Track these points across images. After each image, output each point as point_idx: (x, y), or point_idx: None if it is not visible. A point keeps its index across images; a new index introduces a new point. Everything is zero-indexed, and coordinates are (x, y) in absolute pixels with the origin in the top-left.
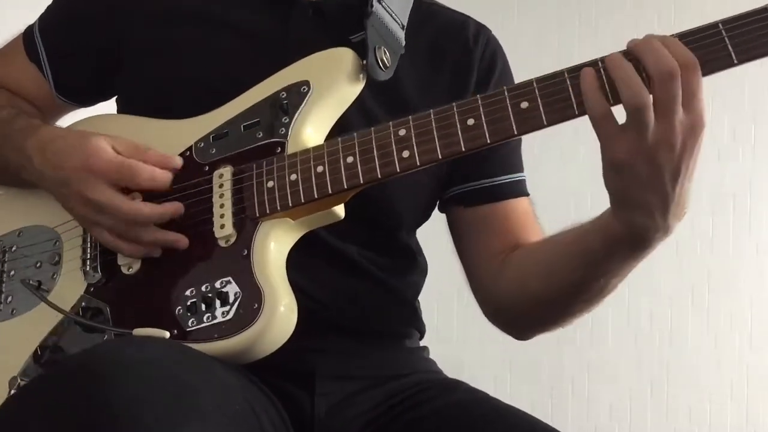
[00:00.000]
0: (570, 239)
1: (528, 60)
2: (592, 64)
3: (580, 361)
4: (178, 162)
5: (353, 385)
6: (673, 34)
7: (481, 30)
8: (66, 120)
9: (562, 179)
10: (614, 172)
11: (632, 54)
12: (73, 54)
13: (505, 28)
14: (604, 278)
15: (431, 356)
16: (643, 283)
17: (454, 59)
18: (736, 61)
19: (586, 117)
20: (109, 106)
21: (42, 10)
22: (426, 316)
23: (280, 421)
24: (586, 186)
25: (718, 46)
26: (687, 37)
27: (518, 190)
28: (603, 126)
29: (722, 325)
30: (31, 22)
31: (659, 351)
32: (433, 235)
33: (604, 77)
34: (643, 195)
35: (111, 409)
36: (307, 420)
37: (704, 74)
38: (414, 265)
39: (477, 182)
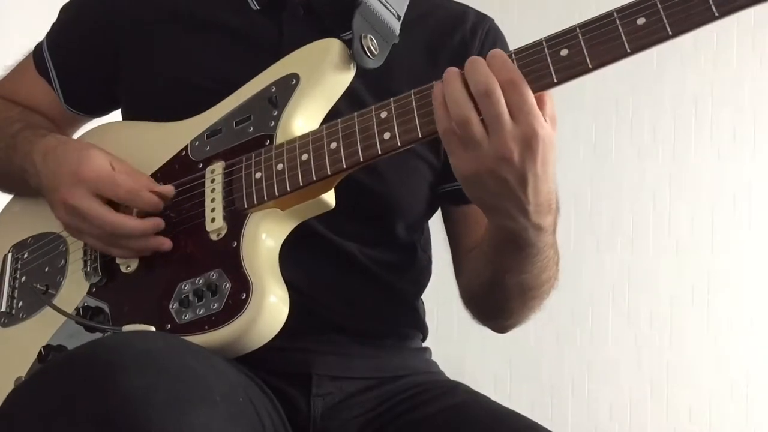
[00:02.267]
0: (477, 242)
1: None
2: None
3: (580, 361)
4: (168, 190)
5: (351, 385)
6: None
7: (481, 20)
8: (80, 132)
9: (561, 179)
10: (466, 185)
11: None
12: (78, 66)
13: (505, 28)
14: (509, 275)
15: (432, 357)
16: (643, 283)
17: (452, 51)
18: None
19: (583, 108)
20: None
21: (49, 22)
22: (426, 317)
23: (278, 420)
24: (586, 185)
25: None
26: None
27: None
28: (448, 141)
29: (722, 325)
30: (36, 37)
31: (659, 351)
32: (434, 235)
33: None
34: (498, 202)
35: (123, 399)
36: (303, 420)
37: (534, 90)
38: (415, 264)
39: None
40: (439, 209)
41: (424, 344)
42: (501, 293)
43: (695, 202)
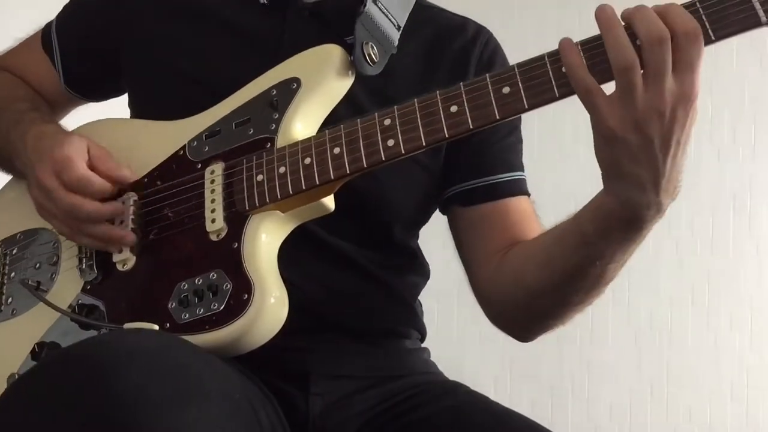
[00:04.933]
0: (564, 226)
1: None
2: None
3: (580, 361)
4: (125, 175)
5: (349, 385)
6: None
7: (480, 31)
8: (74, 119)
9: (561, 180)
10: (605, 143)
11: (624, 21)
12: (81, 51)
13: (505, 29)
14: (600, 263)
15: (431, 357)
16: (643, 283)
17: (451, 60)
18: (713, 38)
19: (583, 109)
20: (122, 106)
21: (53, 12)
22: (426, 317)
23: (276, 418)
24: (587, 186)
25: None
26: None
27: (517, 188)
28: (591, 97)
29: (722, 325)
30: (39, 22)
31: (659, 351)
32: (433, 236)
33: (582, 53)
34: (634, 167)
35: (117, 396)
36: (302, 419)
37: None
38: (413, 265)
39: (475, 181)
40: (439, 217)
41: (423, 345)
42: (574, 285)
43: (695, 202)
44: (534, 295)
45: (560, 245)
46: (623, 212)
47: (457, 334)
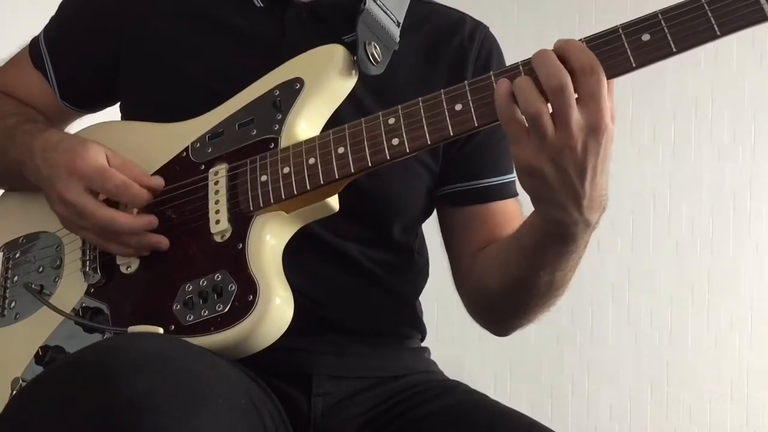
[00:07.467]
0: (510, 237)
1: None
2: (511, 69)
3: (580, 361)
4: (158, 183)
5: (351, 385)
6: (582, 38)
7: (478, 27)
8: (73, 127)
9: None
10: (524, 175)
11: (530, 66)
12: (75, 61)
13: (505, 27)
14: (544, 272)
15: (431, 357)
16: (643, 283)
17: (450, 56)
18: (719, 34)
19: None
20: (115, 111)
21: (45, 19)
22: (426, 316)
23: (279, 419)
24: None
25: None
26: (591, 42)
27: (506, 192)
28: (512, 131)
29: (722, 325)
30: (32, 31)
31: (659, 351)
32: (433, 236)
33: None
34: (554, 194)
35: (126, 402)
36: (303, 420)
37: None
38: (413, 265)
39: (466, 183)
40: (435, 215)
41: (423, 344)
42: (528, 291)
43: (695, 202)
44: (494, 298)
45: (509, 256)
46: (552, 229)
47: (457, 334)
